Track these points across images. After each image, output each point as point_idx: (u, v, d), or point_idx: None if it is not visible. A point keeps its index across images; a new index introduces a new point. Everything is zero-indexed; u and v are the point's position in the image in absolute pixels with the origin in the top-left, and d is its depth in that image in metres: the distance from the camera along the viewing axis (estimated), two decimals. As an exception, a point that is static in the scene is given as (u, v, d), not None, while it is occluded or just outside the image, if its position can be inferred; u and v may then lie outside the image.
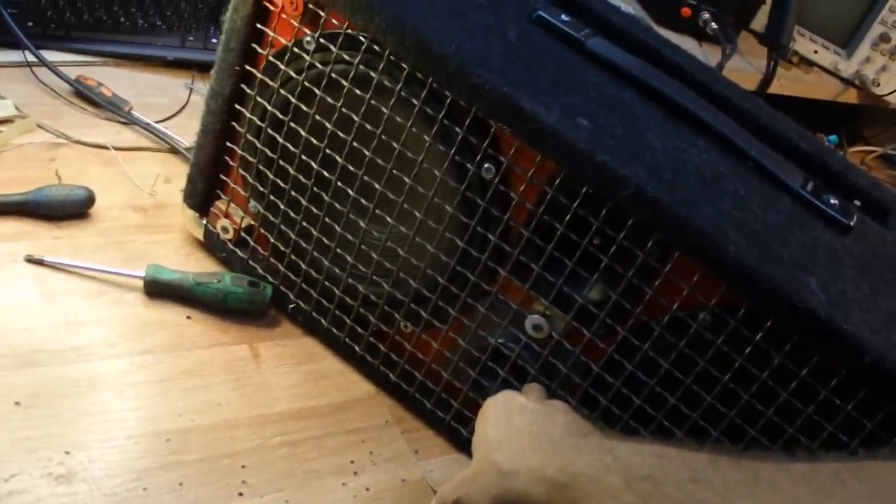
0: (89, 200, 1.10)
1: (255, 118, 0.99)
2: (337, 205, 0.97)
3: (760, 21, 1.96)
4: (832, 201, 0.92)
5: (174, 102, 1.38)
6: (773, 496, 0.47)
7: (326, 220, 0.99)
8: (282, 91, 0.96)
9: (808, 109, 2.05)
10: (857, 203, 0.99)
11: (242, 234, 1.08)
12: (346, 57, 0.90)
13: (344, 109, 0.92)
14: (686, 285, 0.83)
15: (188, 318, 1.04)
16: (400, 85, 0.88)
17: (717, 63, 1.73)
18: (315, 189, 0.98)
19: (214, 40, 1.47)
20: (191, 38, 1.47)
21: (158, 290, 1.04)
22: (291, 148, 0.97)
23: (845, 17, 2.10)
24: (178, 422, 0.92)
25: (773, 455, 0.51)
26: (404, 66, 0.87)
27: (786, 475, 0.48)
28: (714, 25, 1.78)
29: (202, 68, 1.46)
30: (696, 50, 1.80)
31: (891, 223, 1.00)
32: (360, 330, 1.04)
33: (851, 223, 0.91)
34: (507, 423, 0.74)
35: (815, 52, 2.12)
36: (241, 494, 0.88)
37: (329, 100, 0.92)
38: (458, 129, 0.87)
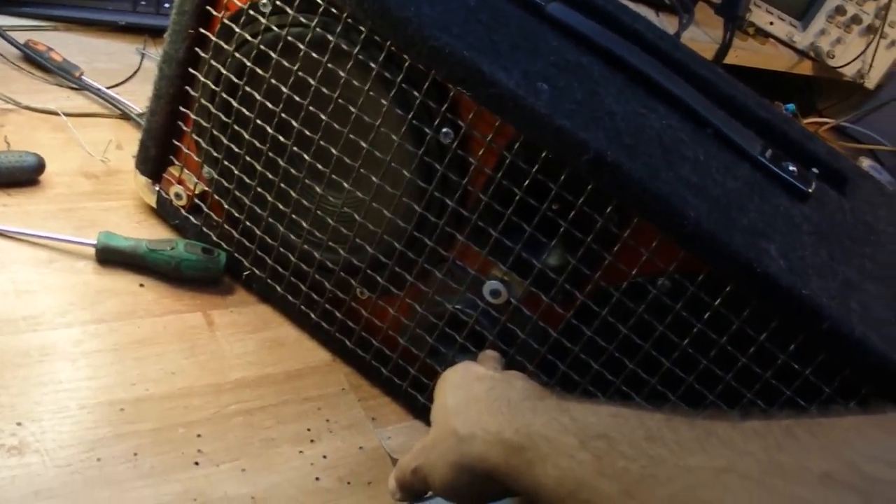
0: (39, 167, 1.08)
1: (209, 82, 0.97)
2: (292, 170, 0.96)
3: (717, -9, 1.97)
4: (791, 168, 0.93)
5: (126, 68, 1.36)
6: (725, 451, 0.47)
7: (282, 185, 0.97)
8: (237, 55, 0.94)
9: (764, 80, 2.06)
10: (816, 171, 1.00)
11: (196, 200, 1.07)
12: (302, 20, 0.89)
13: (300, 73, 0.90)
14: (645, 251, 0.83)
15: (141, 286, 1.03)
16: (357, 48, 0.87)
17: (674, 33, 1.73)
18: (270, 154, 0.96)
19: (167, 5, 1.45)
20: (142, 3, 1.45)
21: (110, 257, 1.02)
22: (246, 112, 0.96)
23: (801, -11, 2.12)
24: (132, 391, 0.91)
25: (728, 415, 0.52)
26: (362, 29, 0.86)
27: (738, 432, 0.48)
28: (671, -5, 1.78)
29: (154, 33, 1.44)
30: (653, 19, 1.79)
31: (848, 191, 1.01)
32: (315, 297, 1.03)
33: (810, 190, 0.92)
34: (466, 391, 0.74)
35: (771, 23, 2.13)
36: (196, 463, 0.87)
37: (285, 63, 0.91)
38: (416, 94, 0.86)
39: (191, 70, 0.99)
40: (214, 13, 0.95)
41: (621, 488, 0.52)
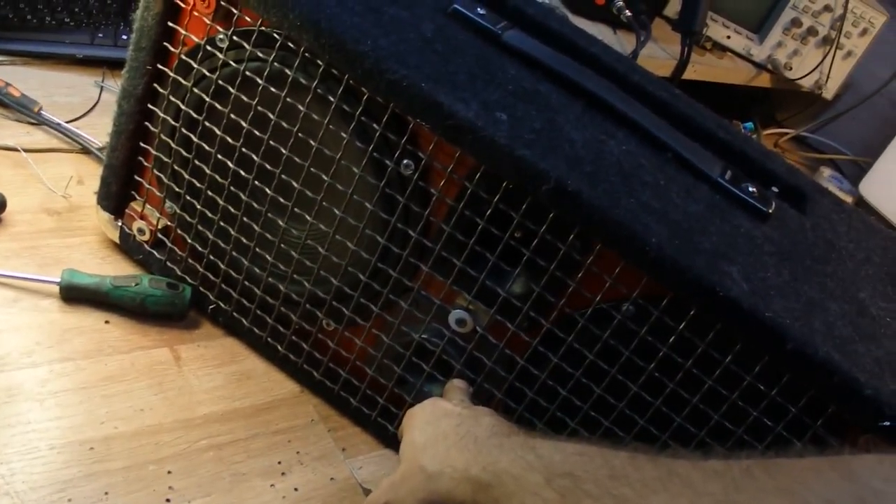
0: (0, 205, 1.07)
1: (168, 118, 0.97)
2: (255, 204, 0.96)
3: (673, 7, 1.98)
4: (751, 189, 0.94)
5: (85, 101, 1.35)
6: (685, 490, 0.48)
7: (244, 219, 0.97)
8: (195, 90, 0.94)
9: (723, 94, 2.07)
10: (776, 190, 1.01)
11: (159, 235, 1.07)
12: (260, 54, 0.89)
13: (259, 107, 0.91)
14: (609, 277, 0.83)
15: (107, 322, 1.02)
16: (316, 82, 0.87)
17: (631, 51, 1.74)
18: (232, 188, 0.96)
19: (125, 37, 1.44)
20: (100, 35, 1.44)
21: (75, 295, 1.02)
22: (207, 147, 0.96)
23: (757, 3, 2.13)
24: (102, 429, 0.91)
25: (690, 454, 0.52)
26: (320, 62, 0.86)
27: (699, 471, 0.49)
28: (628, 13, 1.79)
29: (112, 65, 1.43)
30: (610, 38, 1.81)
31: (808, 208, 1.02)
32: (282, 329, 1.03)
33: (770, 210, 0.92)
34: (434, 427, 0.75)
35: (728, 37, 2.14)
36: (168, 500, 0.87)
37: (244, 98, 0.91)
38: (375, 126, 0.86)
39: (150, 106, 0.99)
40: (172, 49, 0.95)
41: None
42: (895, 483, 0.41)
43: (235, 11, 0.90)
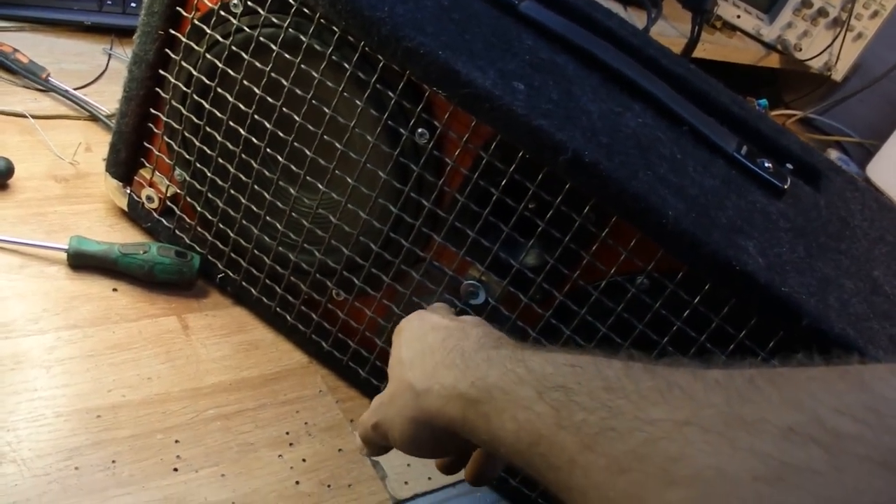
0: (8, 171, 1.06)
1: (180, 84, 0.96)
2: (266, 172, 0.95)
3: (684, -15, 1.97)
4: (766, 165, 0.93)
5: (93, 68, 1.35)
6: (686, 402, 0.46)
7: (255, 187, 0.97)
8: (208, 56, 0.93)
9: (732, 74, 2.06)
10: (790, 167, 1.00)
11: (168, 203, 1.06)
12: (274, 20, 0.88)
13: (273, 74, 0.90)
14: (624, 250, 0.83)
15: (114, 290, 1.02)
16: (331, 49, 0.86)
17: (642, 27, 1.73)
18: (243, 156, 0.96)
19: (133, 4, 1.44)
20: (109, 2, 1.43)
21: (83, 262, 1.01)
22: (218, 114, 0.95)
23: (768, -18, 2.13)
24: (109, 397, 0.90)
25: (689, 363, 0.50)
26: (335, 29, 0.85)
27: (700, 382, 0.47)
28: (639, -11, 1.78)
29: (121, 33, 1.42)
30: (621, 14, 1.79)
31: (822, 186, 1.01)
32: (291, 299, 1.02)
33: (785, 186, 0.92)
34: (421, 342, 0.72)
35: (738, 16, 2.13)
36: (175, 470, 0.87)
37: (257, 64, 0.90)
38: (391, 94, 0.85)
39: (161, 72, 0.98)
40: (185, 14, 0.94)
41: (580, 441, 0.50)
42: None
43: (250, -24, 0.89)
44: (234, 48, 0.91)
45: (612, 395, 0.50)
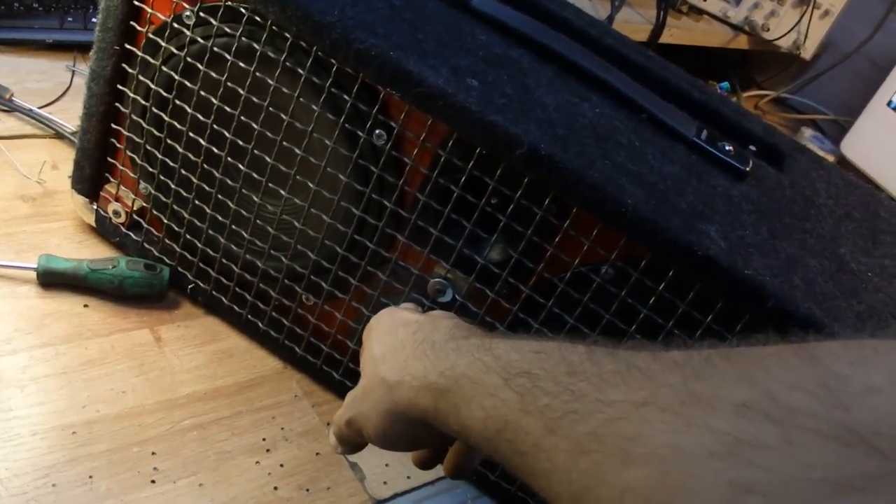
0: (-26, 193, 1.07)
1: (138, 98, 0.97)
2: (228, 181, 0.95)
3: (648, -29, 1.97)
4: (727, 148, 0.93)
5: (56, 86, 1.35)
6: (645, 383, 0.46)
7: (219, 196, 0.97)
8: (164, 68, 0.93)
9: (701, 58, 2.07)
10: (753, 149, 1.00)
11: (135, 216, 1.06)
12: (227, 30, 0.89)
13: (229, 83, 0.90)
14: (586, 240, 0.83)
15: (86, 306, 1.02)
16: (284, 55, 0.86)
17: (607, 15, 1.74)
18: (205, 166, 0.96)
19: (94, 20, 1.43)
20: (69, 19, 1.43)
21: (53, 280, 1.01)
22: (178, 126, 0.95)
23: (731, -36, 2.13)
24: (84, 413, 0.90)
25: (650, 346, 0.51)
26: (288, 35, 0.85)
27: (659, 363, 0.47)
28: (602, -22, 1.78)
29: (83, 49, 1.42)
30: (585, 3, 1.80)
31: (786, 166, 1.02)
32: (261, 306, 1.02)
33: (747, 169, 0.92)
34: (392, 337, 0.72)
35: (704, 0, 2.14)
36: (153, 482, 0.87)
37: (213, 74, 0.90)
38: (346, 97, 0.85)
39: (120, 87, 0.98)
40: (139, 28, 0.94)
41: (544, 425, 0.51)
42: (860, 367, 0.40)
43: (201, -13, 0.89)
44: (189, 60, 0.91)
45: (575, 378, 0.51)
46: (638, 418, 0.45)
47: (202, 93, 0.92)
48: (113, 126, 1.01)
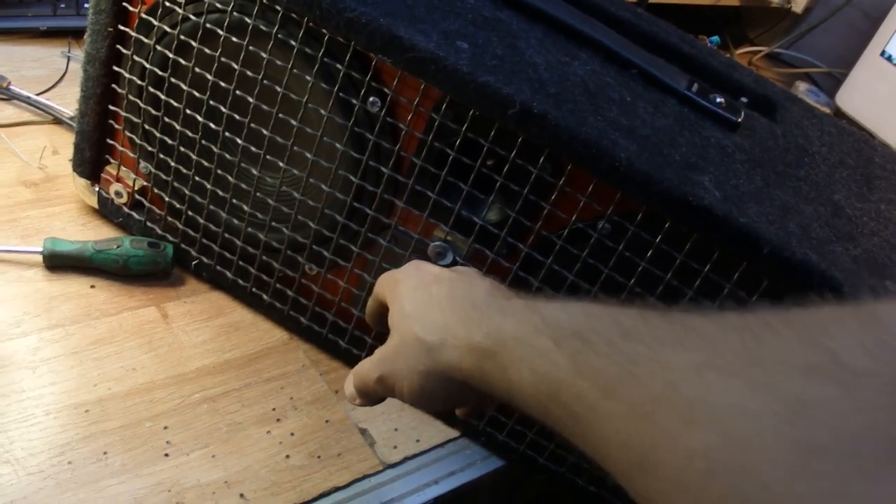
0: (-24, 181, 1.08)
1: (134, 78, 0.97)
2: (227, 155, 0.96)
3: (636, -68, 1.97)
4: (718, 100, 0.94)
5: (53, 72, 1.35)
6: (704, 346, 0.46)
7: (218, 171, 0.98)
8: (158, 47, 0.94)
9: (692, 15, 2.07)
10: (744, 100, 1.01)
11: (136, 196, 1.07)
12: (218, 5, 0.89)
13: (223, 59, 0.91)
14: (582, 196, 0.84)
15: (92, 287, 1.03)
16: (276, 28, 0.87)
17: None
18: (203, 142, 0.97)
19: (87, 5, 1.43)
20: (62, 6, 1.44)
21: (59, 262, 1.03)
22: (175, 104, 0.96)
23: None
24: (95, 392, 0.92)
25: (704, 308, 0.50)
26: (278, 7, 0.86)
27: (716, 326, 0.46)
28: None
29: (77, 34, 1.42)
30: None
31: (778, 116, 1.02)
32: (265, 278, 1.03)
33: (739, 119, 0.93)
34: (424, 293, 0.71)
35: (693, -43, 2.13)
36: (166, 455, 0.88)
37: (207, 51, 0.91)
38: (339, 66, 0.86)
39: (115, 68, 0.99)
40: (131, 9, 0.95)
41: (600, 388, 0.50)
42: None
43: (190, -36, 0.90)
44: (182, 37, 0.92)
45: (629, 341, 0.50)
46: (699, 381, 0.44)
47: (197, 69, 0.92)
48: (110, 107, 1.02)
